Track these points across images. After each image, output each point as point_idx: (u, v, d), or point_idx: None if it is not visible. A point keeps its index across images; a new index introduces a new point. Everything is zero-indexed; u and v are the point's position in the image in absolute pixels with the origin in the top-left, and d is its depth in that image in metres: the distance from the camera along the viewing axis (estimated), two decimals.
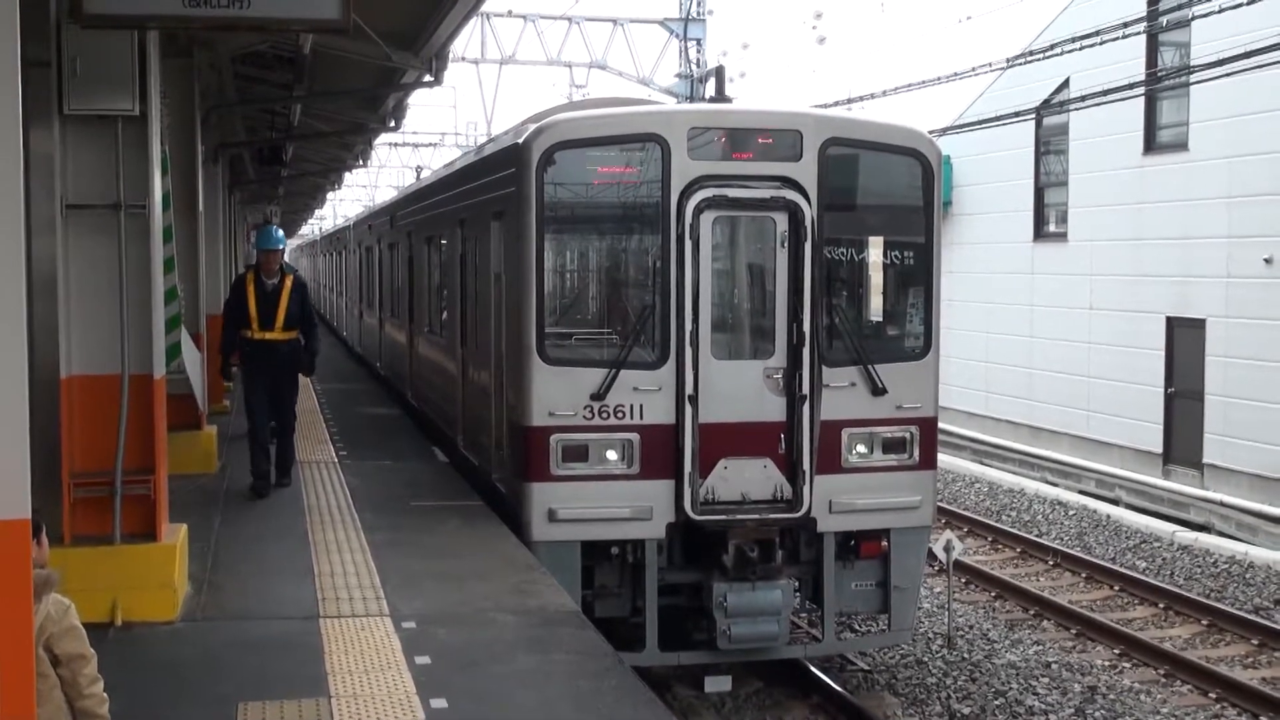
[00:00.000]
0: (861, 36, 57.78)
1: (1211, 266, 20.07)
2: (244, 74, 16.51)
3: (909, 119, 11.72)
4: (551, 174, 9.90)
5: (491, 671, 7.13)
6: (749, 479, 10.04)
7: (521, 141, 10.15)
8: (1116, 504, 19.70)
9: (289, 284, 11.93)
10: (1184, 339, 20.81)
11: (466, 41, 26.56)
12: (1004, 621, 13.55)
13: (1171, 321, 21.08)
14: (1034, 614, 13.79)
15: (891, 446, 10.36)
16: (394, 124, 19.91)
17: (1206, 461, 20.08)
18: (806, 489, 10.05)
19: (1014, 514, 19.15)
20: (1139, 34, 20.01)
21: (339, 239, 34.52)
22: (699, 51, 27.44)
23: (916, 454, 10.42)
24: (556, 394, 9.86)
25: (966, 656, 12.16)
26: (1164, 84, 20.68)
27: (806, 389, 10.03)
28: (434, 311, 15.68)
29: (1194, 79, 18.94)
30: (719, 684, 10.39)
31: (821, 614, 10.51)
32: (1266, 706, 10.90)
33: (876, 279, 10.80)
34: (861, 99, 24.17)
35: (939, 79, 22.04)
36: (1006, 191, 25.90)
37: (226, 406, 16.48)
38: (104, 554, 7.90)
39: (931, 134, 11.37)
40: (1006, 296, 25.74)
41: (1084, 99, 20.09)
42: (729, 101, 11.12)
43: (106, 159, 7.93)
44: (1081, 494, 20.44)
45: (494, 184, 11.28)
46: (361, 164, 31.21)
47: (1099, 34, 18.59)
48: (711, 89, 11.37)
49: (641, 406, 9.90)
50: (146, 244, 8.07)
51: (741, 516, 9.97)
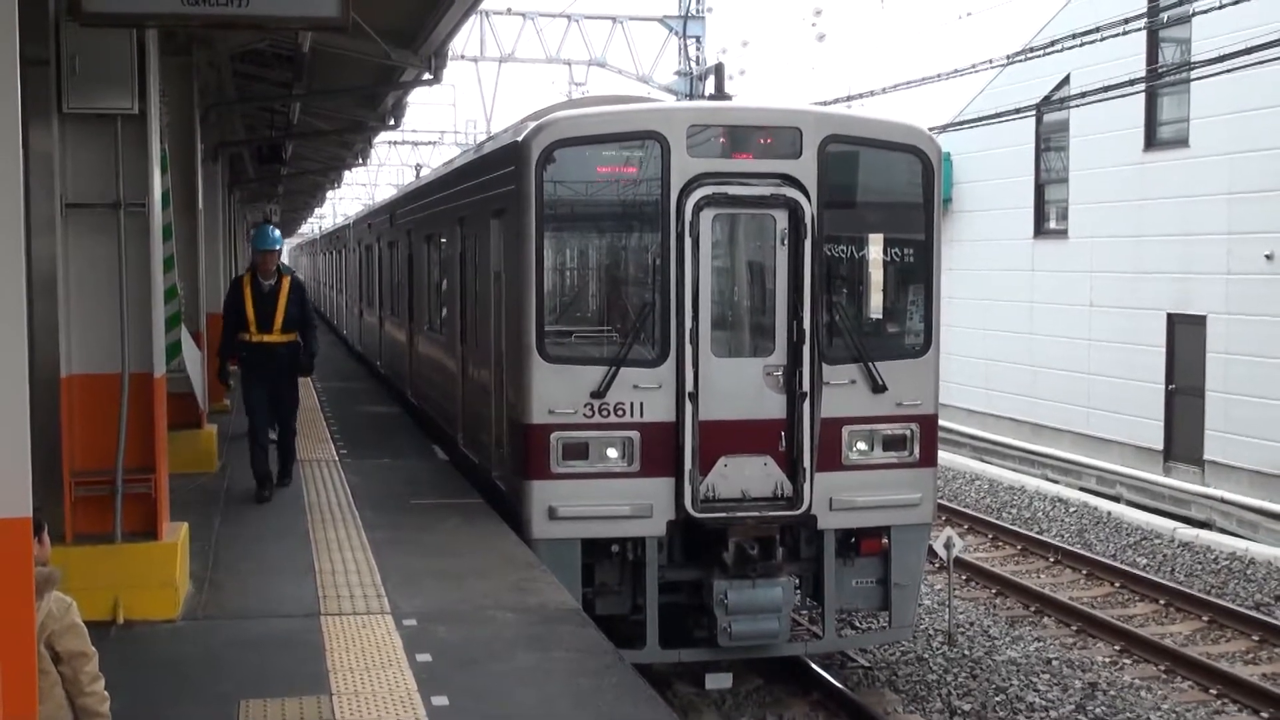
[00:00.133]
0: (861, 33, 57.75)
1: (1212, 263, 20.07)
2: (243, 72, 16.49)
3: (909, 116, 11.71)
4: (551, 172, 9.89)
5: (492, 669, 7.14)
6: (749, 476, 10.03)
7: (521, 139, 10.14)
8: (1117, 501, 19.70)
9: (287, 285, 11.72)
10: (1185, 335, 20.80)
11: (466, 39, 26.60)
12: (1004, 618, 13.55)
13: (1172, 318, 21.08)
14: (1034, 611, 13.80)
15: (892, 444, 10.36)
16: (393, 122, 19.93)
17: (1207, 458, 20.09)
18: (807, 486, 10.05)
19: (1014, 511, 19.15)
20: (1139, 30, 20.02)
21: (339, 237, 34.51)
22: (698, 49, 27.45)
23: (917, 451, 10.41)
24: (556, 392, 9.85)
25: (967, 653, 12.16)
26: (1164, 80, 20.67)
27: (807, 386, 10.02)
28: (434, 310, 15.66)
29: (1194, 75, 18.94)
30: (719, 681, 10.41)
31: (822, 611, 10.51)
32: (1267, 703, 10.90)
33: (877, 276, 10.78)
34: (861, 96, 24.15)
35: (939, 76, 22.05)
36: (1007, 188, 25.88)
37: (227, 405, 16.46)
38: (105, 552, 7.91)
39: (932, 131, 11.37)
40: (1007, 293, 25.72)
41: (1084, 95, 20.08)
42: (728, 99, 11.12)
43: (106, 158, 7.93)
44: (1082, 491, 20.42)
45: (494, 182, 11.27)
46: (361, 162, 31.20)
47: (1099, 30, 18.59)
48: (711, 86, 11.37)
49: (642, 404, 9.89)
50: (146, 242, 8.06)
51: (742, 514, 9.96)
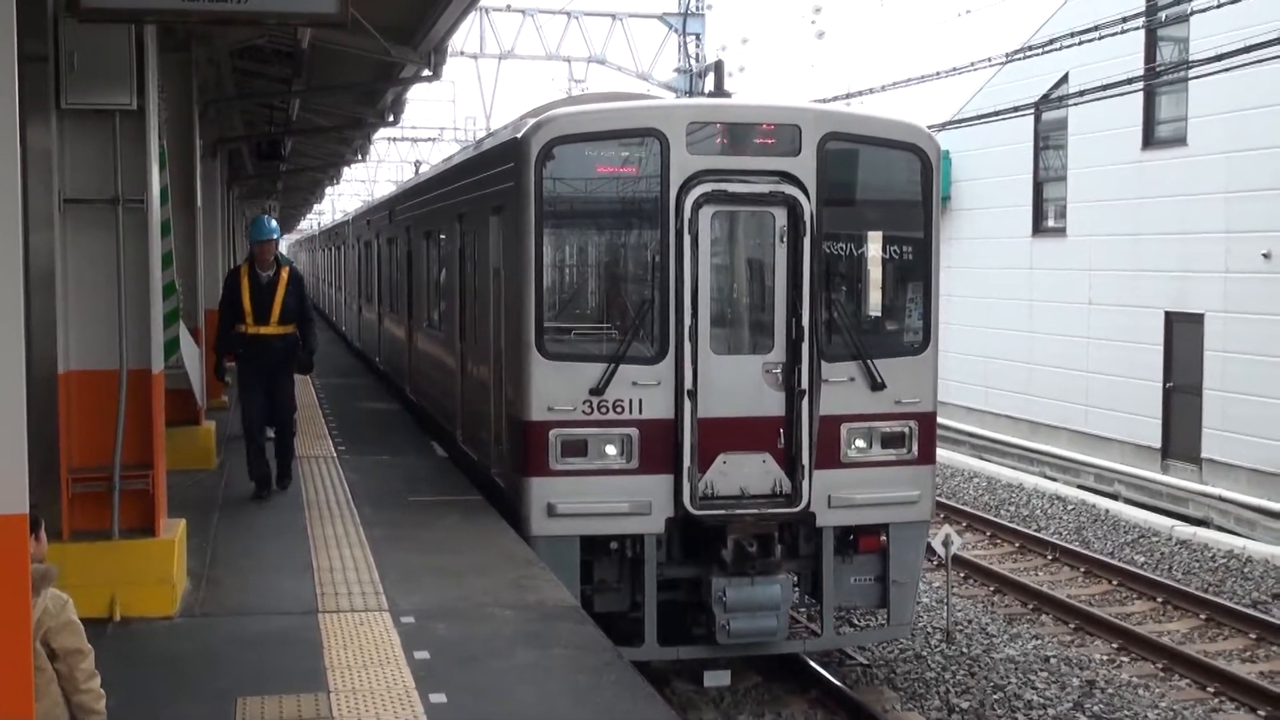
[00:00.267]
0: (860, 31, 57.76)
1: (1210, 261, 20.07)
2: (242, 68, 16.47)
3: (908, 114, 11.71)
4: (550, 169, 9.87)
5: (490, 666, 7.13)
6: (748, 474, 10.03)
7: (520, 136, 10.13)
8: (1115, 499, 19.71)
9: (285, 276, 11.44)
10: (1183, 334, 20.80)
11: (465, 36, 26.62)
12: (1003, 616, 13.55)
13: (1170, 316, 21.08)
14: (1033, 608, 13.80)
15: (890, 441, 10.35)
16: (392, 119, 19.90)
17: (1205, 456, 20.09)
18: (805, 484, 10.04)
19: (1013, 509, 19.15)
20: (1138, 29, 20.02)
21: (337, 234, 34.47)
22: (698, 46, 27.46)
23: (915, 449, 10.41)
24: (555, 389, 9.84)
25: (965, 651, 12.16)
26: (1163, 79, 20.67)
27: (805, 384, 10.01)
28: (433, 306, 15.64)
29: (1193, 74, 18.95)
30: (718, 679, 10.41)
31: (820, 609, 10.52)
32: (1264, 700, 10.91)
33: (875, 274, 10.77)
34: (860, 94, 24.16)
35: (938, 74, 22.05)
36: (1005, 186, 25.88)
37: (225, 402, 16.44)
38: (102, 549, 7.89)
39: (931, 128, 11.36)
40: (1005, 291, 25.72)
41: (1083, 94, 20.08)
42: (728, 96, 11.12)
43: (104, 154, 7.91)
44: (1080, 489, 20.44)
45: (493, 179, 11.25)
46: (360, 159, 31.20)
47: (1098, 29, 18.60)
48: (710, 84, 11.37)
49: (640, 401, 9.88)
50: (144, 239, 8.04)
51: (740, 511, 9.96)
